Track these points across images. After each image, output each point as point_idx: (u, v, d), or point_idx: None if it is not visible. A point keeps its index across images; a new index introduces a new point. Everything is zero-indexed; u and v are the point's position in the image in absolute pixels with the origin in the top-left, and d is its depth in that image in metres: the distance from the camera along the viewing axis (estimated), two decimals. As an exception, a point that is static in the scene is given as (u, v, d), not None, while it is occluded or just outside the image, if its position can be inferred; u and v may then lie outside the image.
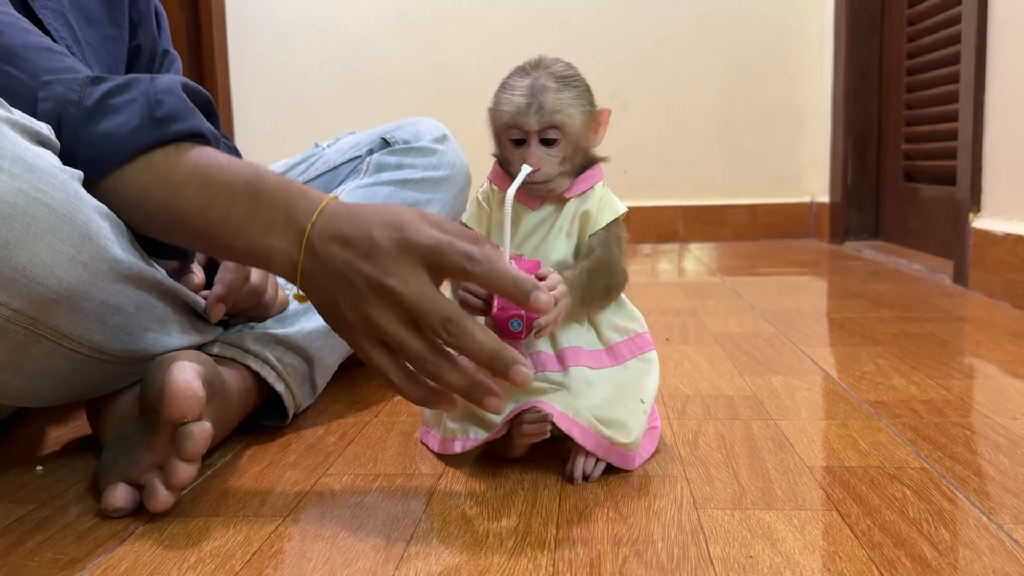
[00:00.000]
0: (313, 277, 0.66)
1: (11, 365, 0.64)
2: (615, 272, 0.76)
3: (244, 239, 0.68)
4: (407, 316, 0.63)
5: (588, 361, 0.76)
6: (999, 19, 1.61)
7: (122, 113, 0.69)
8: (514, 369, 0.62)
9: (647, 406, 0.76)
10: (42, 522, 0.67)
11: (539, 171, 0.72)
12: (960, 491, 0.69)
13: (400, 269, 0.62)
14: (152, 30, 1.04)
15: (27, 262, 0.58)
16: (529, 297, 0.62)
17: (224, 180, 0.69)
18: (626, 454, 0.74)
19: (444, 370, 0.64)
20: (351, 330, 0.65)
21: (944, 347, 1.20)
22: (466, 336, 0.62)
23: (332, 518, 0.67)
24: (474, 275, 0.62)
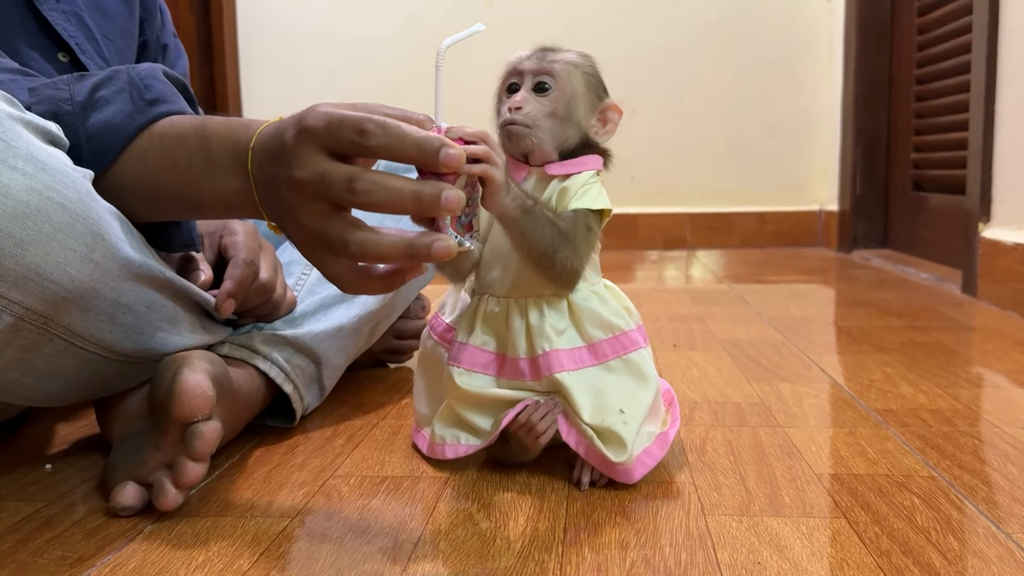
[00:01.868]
0: (267, 204, 0.64)
1: (23, 364, 0.65)
2: (566, 243, 0.70)
3: (210, 190, 0.67)
4: (324, 204, 0.59)
5: (567, 363, 0.72)
6: (1010, 28, 1.61)
7: (113, 103, 0.69)
8: (445, 196, 0.57)
9: (628, 418, 0.71)
10: (50, 520, 0.67)
11: (521, 110, 0.71)
12: (969, 500, 0.69)
13: (300, 158, 0.59)
14: (157, 24, 1.05)
15: (40, 261, 0.59)
16: (439, 156, 0.56)
17: (176, 134, 0.69)
18: (622, 470, 0.71)
19: (373, 242, 0.58)
20: (303, 248, 0.62)
21: (952, 356, 1.20)
22: (378, 187, 0.57)
23: (339, 519, 0.67)
24: (372, 148, 0.57)
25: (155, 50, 1.05)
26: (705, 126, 2.83)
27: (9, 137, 0.58)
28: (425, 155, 0.57)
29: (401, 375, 1.15)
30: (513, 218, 0.67)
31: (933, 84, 2.18)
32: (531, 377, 0.72)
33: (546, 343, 0.72)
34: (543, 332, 0.72)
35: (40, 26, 0.87)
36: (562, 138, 0.73)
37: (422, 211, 0.58)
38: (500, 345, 0.74)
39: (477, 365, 0.74)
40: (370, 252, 0.59)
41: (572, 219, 0.71)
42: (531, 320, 0.72)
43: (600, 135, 0.75)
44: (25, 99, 0.69)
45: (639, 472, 0.72)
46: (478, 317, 0.75)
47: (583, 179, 0.72)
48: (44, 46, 0.86)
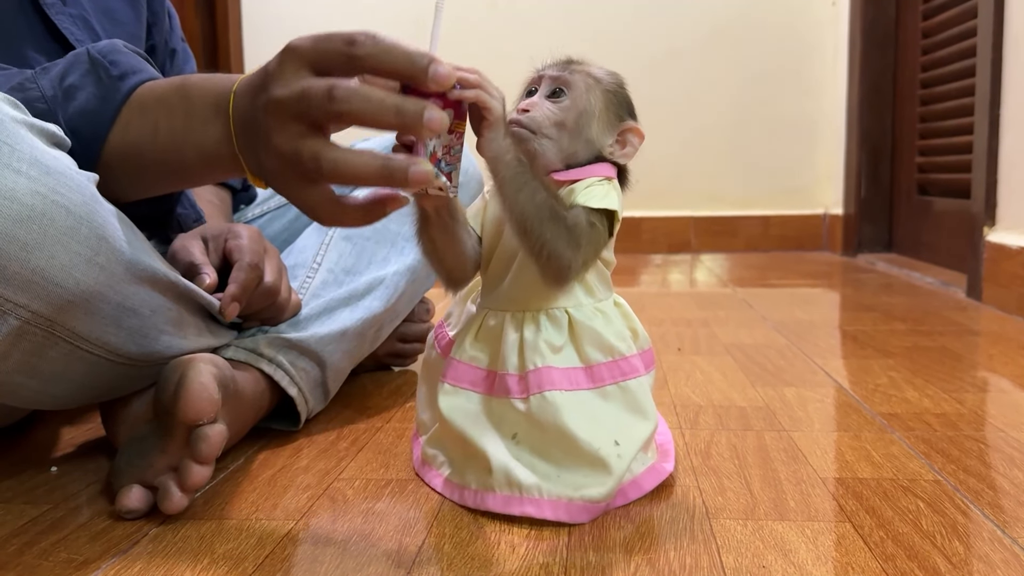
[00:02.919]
0: (244, 144, 0.62)
1: (28, 367, 0.65)
2: (557, 224, 0.64)
3: (192, 145, 0.65)
4: (301, 124, 0.57)
5: (561, 382, 0.67)
6: (1015, 33, 1.61)
7: (84, 89, 0.68)
8: (428, 115, 0.55)
9: (623, 451, 0.67)
10: (56, 523, 0.68)
11: (528, 112, 0.68)
12: (974, 504, 0.69)
13: (282, 77, 0.58)
14: (165, 29, 1.06)
15: (45, 264, 0.59)
16: (428, 71, 0.55)
17: (155, 98, 0.67)
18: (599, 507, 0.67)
19: (345, 160, 0.56)
20: (276, 180, 0.60)
21: (957, 361, 1.20)
22: (359, 95, 0.55)
23: (344, 523, 0.67)
24: (360, 58, 0.56)
25: (163, 54, 1.05)
26: (710, 130, 2.83)
27: (13, 140, 0.58)
28: (415, 67, 0.55)
29: (405, 379, 1.15)
30: (506, 163, 0.62)
31: (938, 88, 2.18)
32: (518, 394, 0.68)
33: (539, 359, 0.67)
34: (537, 347, 0.68)
35: (47, 30, 0.87)
36: (568, 151, 0.69)
37: (403, 126, 0.55)
38: (491, 361, 0.70)
39: (464, 381, 0.71)
40: (343, 170, 0.56)
41: (575, 211, 0.66)
42: (526, 334, 0.68)
43: (617, 156, 0.70)
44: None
45: (617, 503, 0.69)
46: (471, 331, 0.72)
47: (589, 181, 0.68)
48: (51, 51, 0.86)
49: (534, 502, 0.65)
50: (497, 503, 0.67)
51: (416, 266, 1.03)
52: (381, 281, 0.99)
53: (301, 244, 1.01)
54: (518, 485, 0.66)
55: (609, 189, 0.68)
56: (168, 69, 1.07)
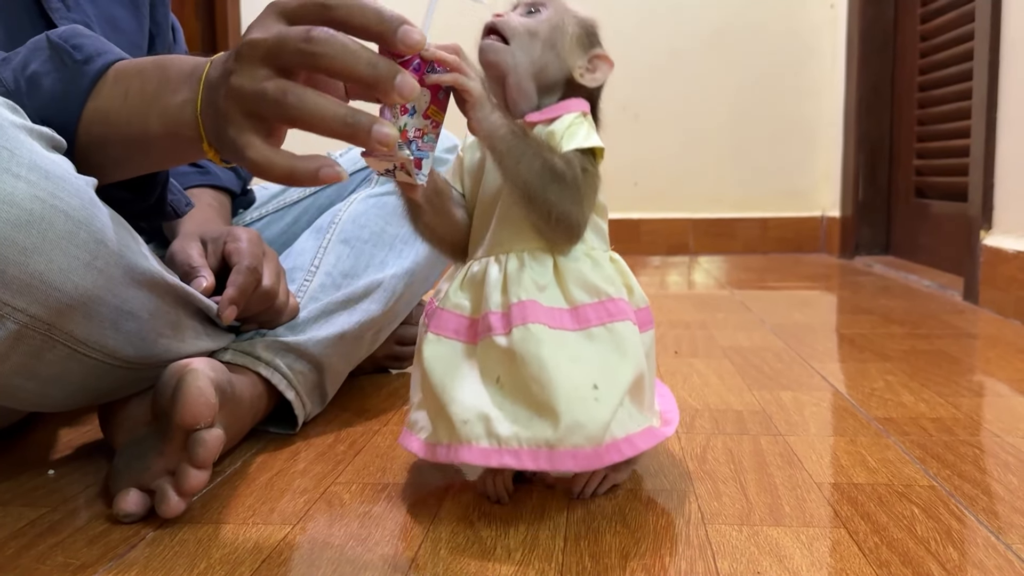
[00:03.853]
0: (206, 109, 0.60)
1: (27, 370, 0.65)
2: (557, 180, 0.65)
3: (156, 110, 0.64)
4: (272, 66, 0.56)
5: (546, 318, 0.65)
6: (1012, 38, 1.61)
7: (48, 76, 0.67)
8: (400, 79, 0.54)
9: (602, 395, 0.64)
10: (54, 526, 0.68)
11: (502, 18, 0.69)
12: (968, 510, 0.69)
13: (259, 25, 0.58)
14: (168, 41, 1.06)
15: (44, 268, 0.59)
16: (397, 32, 0.55)
17: (134, 67, 0.66)
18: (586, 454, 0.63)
19: (310, 100, 0.55)
20: (223, 122, 0.58)
21: (954, 364, 1.20)
22: (336, 42, 0.55)
23: (341, 527, 0.67)
24: (333, 9, 0.56)
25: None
26: (708, 132, 2.84)
27: (12, 145, 0.58)
28: (384, 26, 0.55)
29: (403, 381, 1.15)
30: (500, 137, 0.63)
31: (936, 91, 2.19)
32: (501, 330, 0.65)
33: (523, 293, 0.66)
34: (520, 282, 0.66)
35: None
36: (540, 64, 0.69)
37: (374, 80, 0.55)
38: (475, 308, 0.69)
39: (447, 330, 0.70)
40: (308, 108, 0.55)
41: (565, 160, 0.66)
42: (509, 270, 0.67)
43: (586, 79, 0.71)
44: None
45: (610, 457, 0.64)
46: (456, 280, 0.71)
47: (568, 121, 0.68)
48: (53, 54, 0.87)
49: (513, 452, 0.63)
50: (474, 455, 0.64)
51: (414, 269, 1.04)
52: (379, 284, 0.99)
53: (299, 247, 1.02)
54: (496, 436, 0.64)
55: (588, 127, 0.69)
56: None
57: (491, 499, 0.72)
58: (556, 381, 0.63)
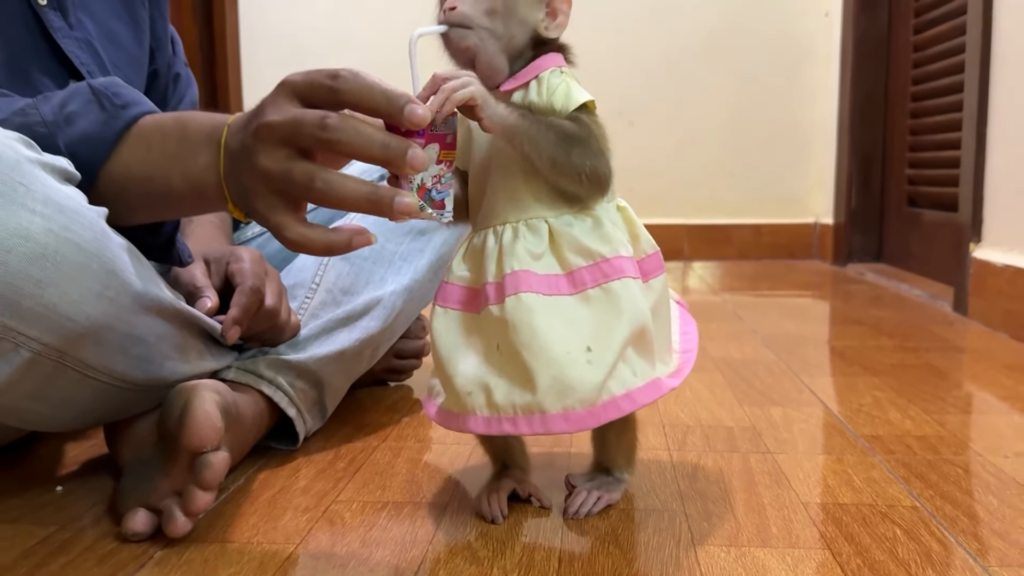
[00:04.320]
0: (230, 176, 0.65)
1: (39, 394, 0.67)
2: (577, 143, 0.66)
3: (179, 170, 0.68)
4: (292, 147, 0.60)
5: (539, 286, 0.67)
6: (1002, 53, 1.64)
7: (84, 116, 0.70)
8: (411, 153, 0.58)
9: (595, 356, 0.65)
10: (64, 544, 0.70)
11: (455, 9, 0.67)
12: (949, 532, 0.71)
13: (274, 105, 0.61)
14: (168, 55, 1.07)
15: (58, 299, 0.61)
16: (404, 110, 0.58)
17: (155, 124, 0.70)
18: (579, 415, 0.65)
19: (336, 183, 0.59)
20: (252, 199, 0.63)
21: (941, 379, 1.23)
22: (350, 127, 0.59)
23: (343, 546, 0.69)
24: (342, 92, 0.60)
25: (166, 78, 1.07)
26: (703, 138, 2.86)
27: (28, 180, 0.60)
28: (391, 106, 0.59)
29: (401, 394, 1.17)
30: (512, 125, 0.65)
31: (928, 102, 2.21)
32: (495, 300, 0.67)
33: (516, 263, 0.67)
34: (514, 252, 0.67)
35: (53, 52, 0.88)
36: (505, 36, 0.68)
37: (388, 161, 0.59)
38: (475, 278, 0.71)
39: (452, 301, 0.72)
40: (334, 191, 0.59)
41: (573, 120, 0.67)
42: (504, 242, 0.68)
43: (551, 29, 0.70)
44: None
45: (607, 415, 0.65)
46: (460, 252, 0.73)
47: (547, 83, 0.68)
48: (56, 72, 0.88)
49: (511, 420, 0.66)
50: (479, 424, 0.67)
51: (412, 286, 1.06)
52: (378, 301, 1.02)
53: (300, 264, 1.04)
54: (495, 405, 0.66)
55: (567, 81, 0.69)
56: (171, 93, 1.09)
57: (487, 519, 0.74)
58: (546, 347, 0.65)
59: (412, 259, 1.06)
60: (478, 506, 0.75)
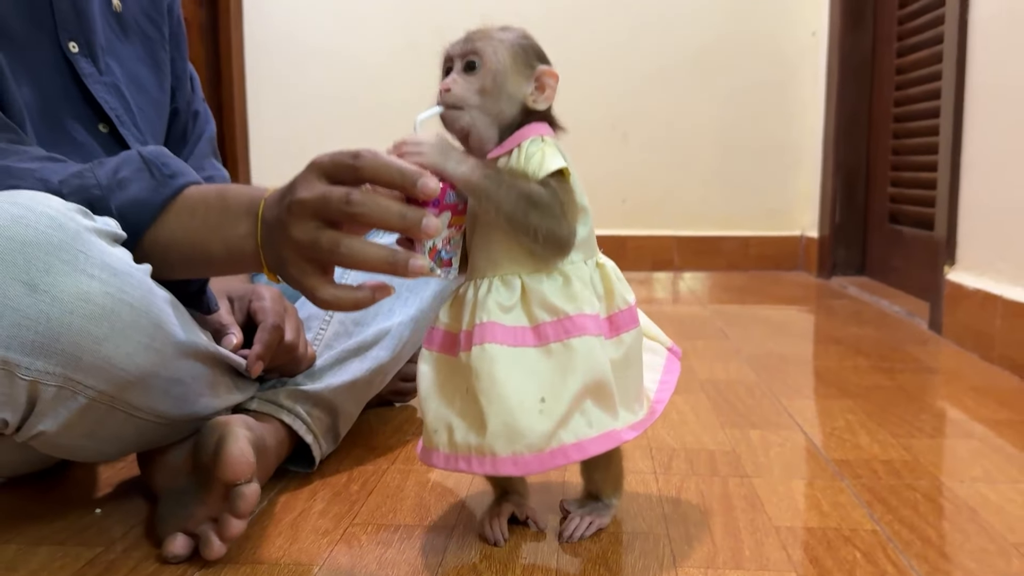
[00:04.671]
0: (266, 245, 0.73)
1: (91, 433, 0.75)
2: (538, 206, 0.71)
3: (219, 238, 0.77)
4: (320, 219, 0.69)
5: (505, 337, 0.73)
6: (976, 84, 1.72)
7: (135, 182, 0.79)
8: (425, 222, 0.67)
9: (548, 407, 0.71)
10: (110, 565, 0.78)
11: (450, 91, 0.74)
12: (903, 554, 0.80)
13: (305, 182, 0.70)
14: (188, 93, 1.15)
15: (112, 353, 0.69)
16: (417, 184, 0.67)
17: (199, 195, 0.79)
18: (526, 460, 0.71)
19: (358, 249, 0.68)
20: (287, 266, 0.71)
21: (911, 402, 1.31)
22: (371, 201, 0.67)
23: (361, 567, 0.77)
24: (362, 170, 0.68)
25: (185, 115, 1.15)
26: (694, 152, 2.94)
27: (87, 248, 0.68)
28: (405, 181, 0.67)
29: (406, 415, 1.25)
30: (475, 183, 0.71)
31: (909, 124, 2.30)
32: (464, 348, 0.74)
33: (485, 315, 0.73)
34: (485, 306, 0.73)
35: (83, 98, 0.95)
36: (495, 111, 0.75)
37: (406, 228, 0.68)
38: (455, 324, 0.77)
39: (435, 344, 0.78)
40: (357, 256, 0.68)
41: (540, 183, 0.72)
42: (479, 295, 0.75)
43: (539, 102, 0.76)
44: (56, 188, 0.77)
45: (554, 461, 0.71)
46: (448, 301, 0.79)
47: (525, 151, 0.74)
48: (86, 117, 0.95)
49: (465, 459, 0.73)
50: (439, 460, 0.75)
51: (418, 316, 1.13)
52: (387, 332, 1.09)
53: (314, 296, 1.11)
54: (454, 444, 0.73)
55: (547, 148, 0.74)
56: (191, 130, 1.16)
57: (489, 541, 0.82)
58: (503, 395, 0.71)
59: (418, 290, 1.14)
60: (481, 529, 0.83)
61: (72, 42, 0.94)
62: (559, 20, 2.90)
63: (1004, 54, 1.61)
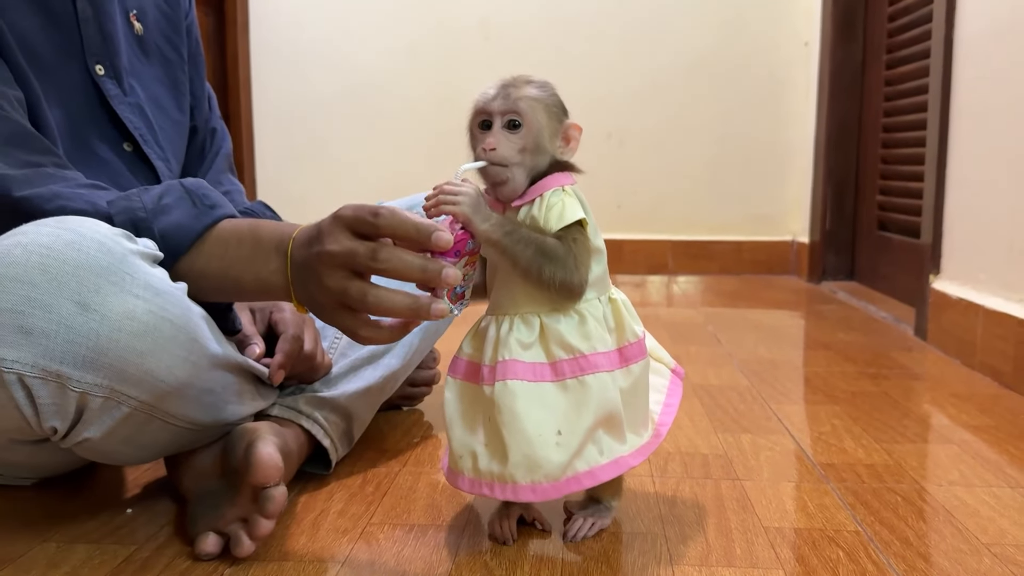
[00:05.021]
0: (296, 282, 0.81)
1: (129, 439, 0.81)
2: (551, 259, 0.78)
3: (252, 271, 0.84)
4: (348, 270, 0.75)
5: (525, 374, 0.79)
6: (960, 102, 1.79)
7: (177, 208, 0.85)
8: (444, 273, 0.74)
9: (564, 440, 0.78)
10: (145, 562, 0.83)
11: (495, 151, 0.79)
12: (883, 554, 0.86)
13: (332, 235, 0.76)
14: (205, 111, 1.20)
15: (154, 366, 0.75)
16: (431, 238, 0.73)
17: (233, 228, 0.86)
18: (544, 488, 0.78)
19: (386, 297, 0.75)
20: (324, 310, 0.78)
21: (894, 408, 1.38)
22: (395, 257, 0.74)
23: (380, 565, 0.83)
24: (381, 227, 0.74)
25: (203, 133, 1.20)
26: (688, 159, 3.01)
27: (132, 270, 0.74)
28: (420, 236, 0.74)
29: (415, 419, 1.31)
30: (497, 240, 0.77)
31: (898, 134, 2.36)
32: (487, 381, 0.81)
33: (507, 353, 0.80)
34: (507, 343, 0.80)
35: (109, 118, 1.01)
36: (531, 166, 0.81)
37: (427, 280, 0.75)
38: (477, 355, 0.84)
39: (459, 373, 0.85)
40: (384, 305, 0.76)
41: (556, 237, 0.79)
42: (501, 332, 0.81)
43: (566, 153, 0.83)
44: (105, 210, 0.84)
45: (569, 488, 0.79)
46: (470, 333, 0.86)
47: (546, 201, 0.80)
48: (111, 137, 1.01)
49: (488, 485, 0.80)
50: (465, 484, 0.82)
51: (428, 325, 1.19)
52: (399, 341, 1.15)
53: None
54: (478, 470, 0.81)
55: (567, 199, 0.81)
56: (208, 147, 1.22)
57: (499, 540, 0.88)
58: (523, 429, 0.78)
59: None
60: (491, 529, 0.89)
61: (99, 65, 0.99)
62: (556, 30, 2.96)
63: (988, 71, 1.68)
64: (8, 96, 0.86)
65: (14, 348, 0.69)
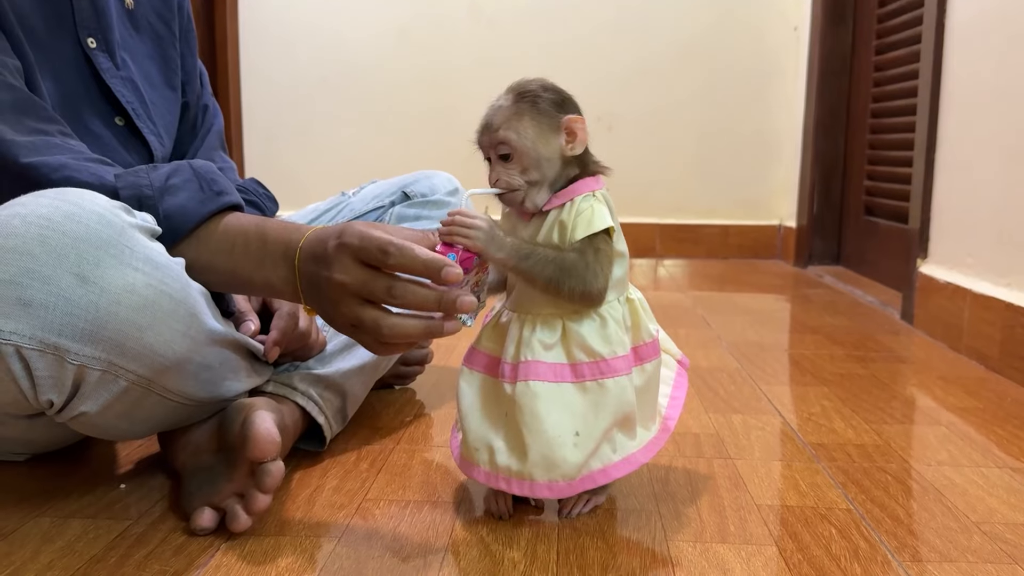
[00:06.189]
0: (307, 293, 0.82)
1: (126, 414, 0.80)
2: (571, 274, 0.80)
3: (260, 275, 0.84)
4: (361, 298, 0.77)
5: (546, 374, 0.81)
6: (951, 88, 1.80)
7: (184, 190, 0.85)
8: (460, 303, 0.75)
9: (581, 441, 0.81)
10: (140, 537, 0.83)
11: (499, 182, 0.82)
12: (875, 531, 0.87)
13: (340, 263, 0.77)
14: (197, 88, 1.19)
15: (153, 340, 0.75)
16: (440, 272, 0.74)
17: (239, 226, 0.85)
18: (560, 486, 0.81)
19: (400, 325, 0.76)
20: (337, 326, 0.80)
21: (882, 390, 1.39)
22: (410, 293, 0.75)
23: (377, 540, 0.83)
24: (391, 265, 0.75)
25: (195, 109, 1.19)
26: (676, 144, 3.01)
27: (132, 243, 0.73)
28: (429, 271, 0.75)
29: (407, 398, 1.31)
30: (513, 266, 0.80)
31: (886, 120, 2.38)
32: (509, 380, 0.83)
33: (529, 354, 0.82)
34: (530, 344, 0.82)
35: (101, 92, 1.00)
36: (540, 177, 0.82)
37: (443, 310, 0.76)
38: (496, 349, 0.87)
39: (477, 365, 0.88)
40: (398, 332, 0.77)
41: (579, 249, 0.80)
42: (524, 332, 0.83)
43: (575, 148, 0.82)
44: (112, 183, 0.83)
45: (583, 486, 0.83)
46: (489, 325, 0.88)
47: (576, 207, 0.81)
48: (104, 111, 1.00)
49: (506, 480, 0.83)
50: (481, 476, 0.85)
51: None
52: (392, 319, 1.15)
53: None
54: (496, 465, 0.83)
55: (596, 206, 0.81)
56: (200, 123, 1.20)
57: (495, 515, 0.88)
58: (542, 430, 0.81)
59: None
60: (487, 504, 0.90)
61: (91, 38, 0.98)
62: (546, 15, 2.95)
63: (979, 57, 1.69)
64: (8, 65, 0.85)
65: (12, 320, 0.69)
